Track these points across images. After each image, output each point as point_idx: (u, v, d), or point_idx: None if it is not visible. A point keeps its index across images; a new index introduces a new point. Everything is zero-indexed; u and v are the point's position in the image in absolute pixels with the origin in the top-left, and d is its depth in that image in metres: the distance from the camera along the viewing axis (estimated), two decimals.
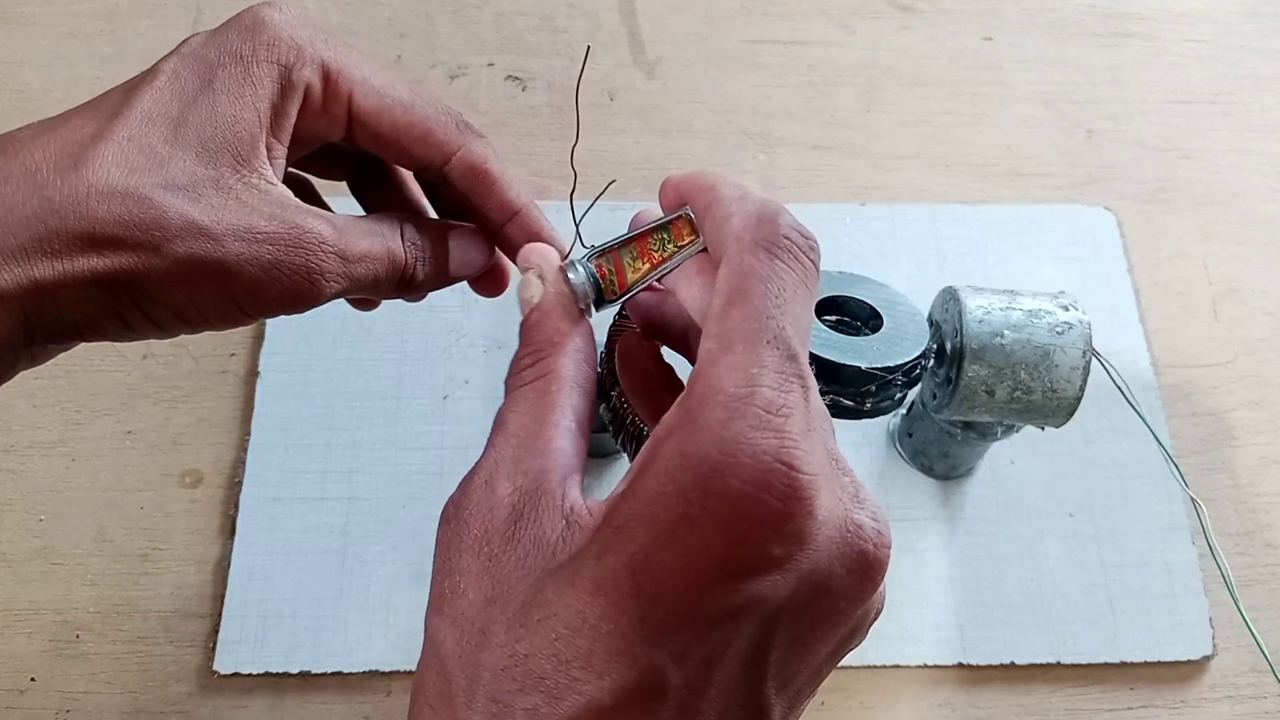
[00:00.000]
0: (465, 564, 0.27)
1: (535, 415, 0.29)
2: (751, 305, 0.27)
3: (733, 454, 0.24)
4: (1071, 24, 0.67)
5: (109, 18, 0.63)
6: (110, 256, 0.29)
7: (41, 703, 0.46)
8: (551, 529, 0.27)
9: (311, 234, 0.31)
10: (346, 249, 0.32)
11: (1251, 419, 0.55)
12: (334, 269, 0.32)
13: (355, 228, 0.33)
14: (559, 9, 0.65)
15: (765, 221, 0.29)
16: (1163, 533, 0.51)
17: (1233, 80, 0.65)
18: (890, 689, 0.48)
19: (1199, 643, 0.49)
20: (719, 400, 0.25)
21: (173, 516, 0.50)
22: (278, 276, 0.31)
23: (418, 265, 0.35)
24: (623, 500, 0.26)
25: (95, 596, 0.48)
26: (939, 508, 0.51)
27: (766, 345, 0.26)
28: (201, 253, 0.30)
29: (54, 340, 0.31)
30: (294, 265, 0.31)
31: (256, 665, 0.46)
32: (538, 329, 0.32)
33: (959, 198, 0.60)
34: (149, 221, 0.29)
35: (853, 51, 0.65)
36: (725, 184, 0.31)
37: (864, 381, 0.43)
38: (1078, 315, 0.44)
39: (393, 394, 0.53)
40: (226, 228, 0.30)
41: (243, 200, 0.31)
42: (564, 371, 0.30)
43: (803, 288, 0.28)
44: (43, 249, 0.28)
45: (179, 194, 0.30)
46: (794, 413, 0.25)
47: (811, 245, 0.29)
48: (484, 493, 0.28)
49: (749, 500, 0.24)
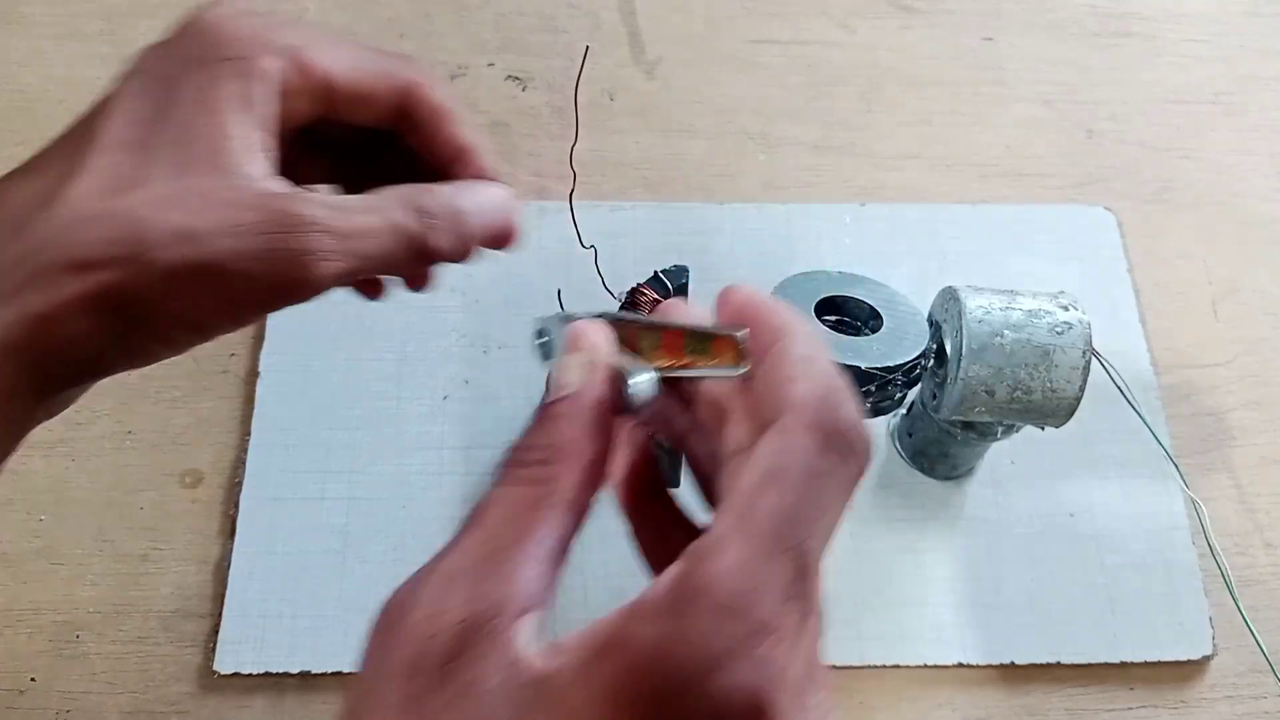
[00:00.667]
0: (390, 693, 0.24)
1: (518, 525, 0.26)
2: (786, 501, 0.24)
3: (710, 674, 0.22)
4: (1071, 24, 0.67)
5: (109, 18, 0.63)
6: (100, 275, 0.28)
7: (41, 703, 0.46)
8: (491, 676, 0.24)
9: (296, 215, 0.30)
10: (340, 226, 0.31)
11: (1251, 419, 0.55)
12: (328, 248, 0.30)
13: (352, 204, 0.32)
14: (559, 9, 0.65)
15: (831, 406, 0.26)
16: (1163, 533, 0.51)
17: (1233, 80, 0.65)
18: (890, 689, 0.48)
19: (1199, 643, 0.49)
20: (710, 605, 0.23)
21: (173, 516, 0.50)
22: (270, 266, 0.30)
23: (431, 234, 0.33)
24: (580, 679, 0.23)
25: (95, 596, 0.48)
26: (939, 508, 0.51)
27: (783, 555, 0.24)
28: (189, 256, 0.29)
29: (65, 384, 0.30)
30: (285, 250, 0.30)
31: (256, 665, 0.46)
32: (561, 424, 0.28)
33: (959, 198, 0.60)
34: (130, 236, 0.29)
35: (853, 51, 0.65)
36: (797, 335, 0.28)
37: (864, 381, 0.43)
38: (1078, 315, 0.44)
39: (393, 394, 0.53)
40: (210, 227, 0.29)
41: (224, 199, 0.30)
42: (569, 487, 0.27)
43: (844, 495, 0.25)
44: (34, 285, 0.28)
45: (158, 206, 0.29)
46: (785, 637, 0.23)
47: (868, 446, 0.26)
48: (433, 606, 0.25)
49: None
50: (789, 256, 0.57)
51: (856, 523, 0.51)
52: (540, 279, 0.55)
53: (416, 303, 0.55)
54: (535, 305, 0.55)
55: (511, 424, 0.52)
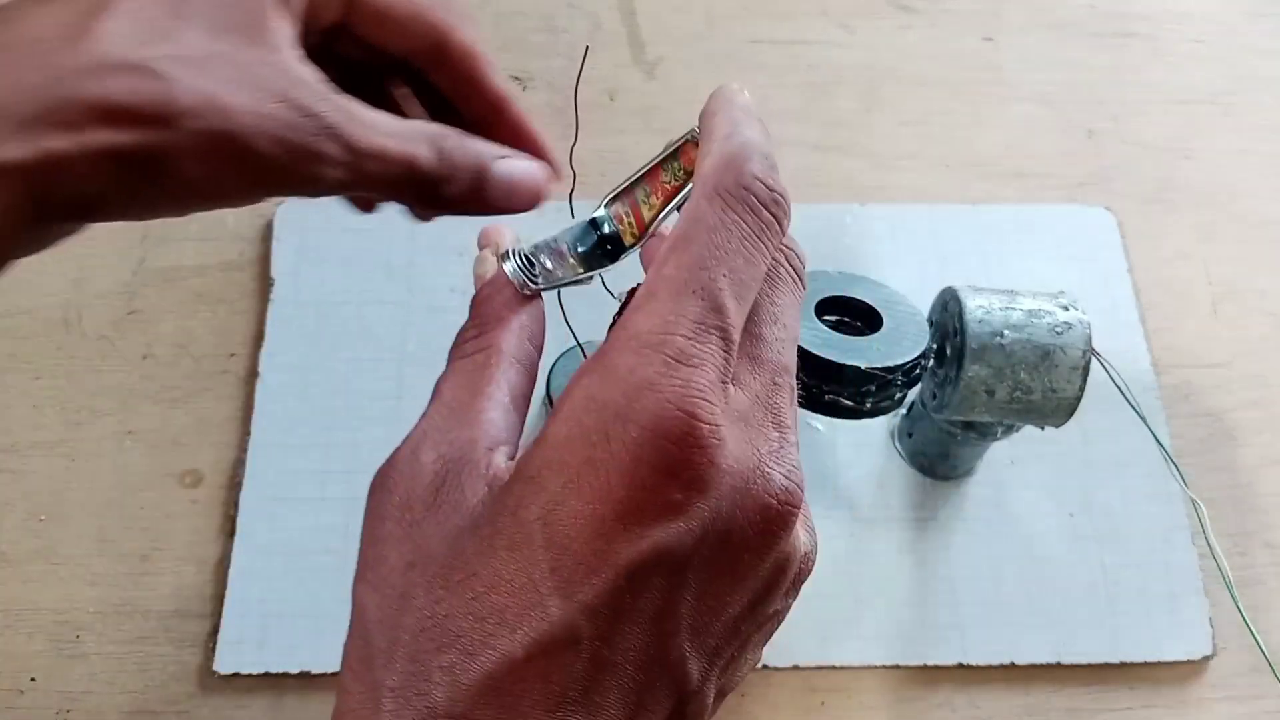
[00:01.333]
0: (387, 531, 0.27)
1: (470, 387, 0.30)
2: (689, 254, 0.27)
3: (636, 399, 0.25)
4: (1072, 24, 0.67)
5: None
6: (124, 130, 0.28)
7: (41, 703, 0.46)
8: (473, 494, 0.27)
9: (316, 115, 0.30)
10: (357, 140, 0.31)
11: (1251, 419, 0.55)
12: (337, 156, 0.31)
13: (377, 123, 0.32)
14: (559, 9, 0.65)
15: (730, 167, 0.28)
16: (1163, 533, 0.51)
17: (1233, 80, 0.65)
18: (890, 689, 0.48)
19: (1199, 643, 0.49)
20: (631, 345, 0.26)
21: (173, 516, 0.50)
22: (285, 154, 0.30)
23: (445, 184, 0.33)
24: (536, 448, 0.26)
25: (95, 596, 0.48)
26: (939, 508, 0.51)
27: (691, 295, 0.26)
28: (214, 126, 0.29)
29: (61, 218, 0.30)
30: (297, 145, 0.30)
31: (256, 665, 0.46)
32: (486, 304, 0.32)
33: (959, 198, 0.60)
34: (162, 94, 0.28)
35: (853, 51, 0.65)
36: (727, 111, 0.31)
37: (864, 381, 0.43)
38: (1078, 315, 0.44)
39: (393, 394, 0.53)
40: (237, 102, 0.29)
41: (254, 75, 0.30)
42: (505, 346, 0.31)
43: (753, 239, 0.28)
44: (54, 119, 0.28)
45: (190, 66, 0.29)
46: (705, 363, 0.25)
47: (775, 198, 0.29)
48: (409, 461, 0.28)
49: (648, 445, 0.24)
50: None
51: (856, 523, 0.51)
52: None
53: (416, 303, 0.55)
54: None
55: None
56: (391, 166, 0.32)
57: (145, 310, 0.55)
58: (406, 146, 0.32)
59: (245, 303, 0.55)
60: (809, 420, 0.52)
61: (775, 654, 0.48)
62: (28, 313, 0.54)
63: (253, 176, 0.30)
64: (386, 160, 0.32)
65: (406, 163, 0.32)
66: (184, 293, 0.55)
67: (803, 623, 0.48)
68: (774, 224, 0.29)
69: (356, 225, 0.57)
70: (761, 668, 0.47)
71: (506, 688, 0.24)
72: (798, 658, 0.48)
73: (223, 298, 0.55)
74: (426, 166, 0.33)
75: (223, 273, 0.56)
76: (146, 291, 0.55)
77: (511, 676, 0.24)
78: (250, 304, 0.55)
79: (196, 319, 0.55)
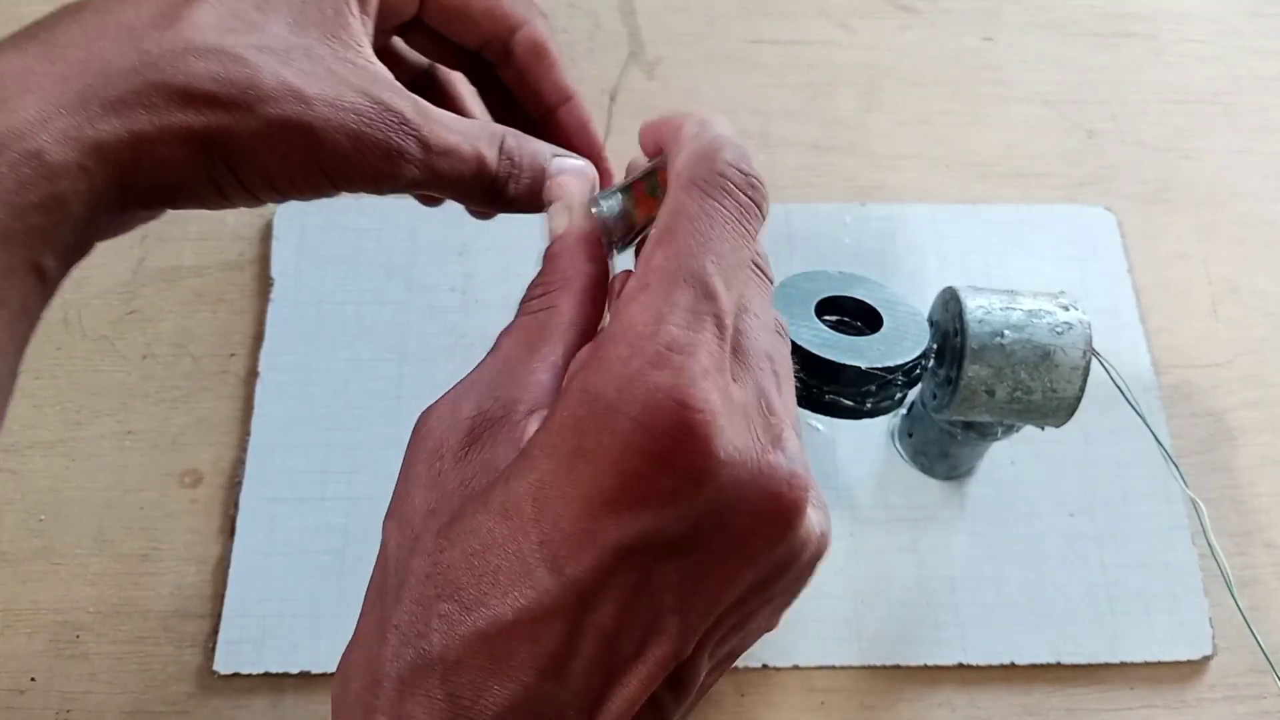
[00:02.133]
0: (418, 473, 0.28)
1: (528, 345, 0.30)
2: (675, 244, 0.27)
3: (627, 390, 0.25)
4: (1071, 24, 0.67)
5: None
6: (206, 114, 0.29)
7: (41, 703, 0.46)
8: (504, 456, 0.27)
9: (395, 112, 0.31)
10: (431, 138, 0.32)
11: (1251, 419, 0.55)
12: (413, 153, 0.32)
13: (448, 121, 0.33)
14: (559, 9, 0.65)
15: (704, 158, 0.29)
16: (1163, 533, 0.51)
17: (1233, 80, 0.65)
18: (890, 689, 0.48)
19: (1199, 643, 0.49)
20: (624, 338, 0.26)
21: (173, 516, 0.50)
22: (361, 148, 0.31)
23: (509, 182, 0.35)
24: (537, 431, 0.27)
25: (95, 596, 0.48)
26: (939, 508, 0.51)
27: (682, 284, 0.27)
28: (294, 115, 0.30)
29: (145, 204, 0.31)
30: (375, 140, 0.31)
31: (256, 665, 0.46)
32: (556, 261, 0.32)
33: (959, 198, 0.60)
34: (244, 80, 0.30)
35: (853, 51, 0.65)
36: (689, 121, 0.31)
37: (864, 381, 0.43)
38: (1078, 315, 0.44)
39: (393, 394, 0.53)
40: (317, 93, 0.30)
41: (333, 70, 0.31)
42: (569, 308, 0.31)
43: (735, 224, 0.28)
44: (141, 102, 0.29)
45: (272, 56, 0.30)
46: (698, 351, 0.26)
47: (751, 182, 0.29)
48: (450, 409, 0.29)
49: (638, 435, 0.25)
50: (789, 256, 0.57)
51: (856, 523, 0.51)
52: None
53: (416, 303, 0.55)
54: None
55: None
56: (462, 165, 0.33)
57: (145, 310, 0.55)
58: (476, 145, 0.33)
59: (245, 303, 0.55)
60: (809, 420, 0.53)
61: (775, 654, 0.48)
62: None
63: (328, 168, 0.31)
64: (458, 158, 0.33)
65: (476, 161, 0.33)
66: (184, 293, 0.55)
67: (803, 623, 0.48)
68: (753, 207, 0.29)
69: (356, 225, 0.57)
70: (761, 667, 0.48)
71: (497, 645, 0.25)
72: (798, 658, 0.48)
73: (223, 298, 0.55)
74: (493, 167, 0.34)
75: (223, 273, 0.56)
76: (146, 291, 0.55)
77: (502, 636, 0.25)
78: (250, 304, 0.55)
79: (196, 319, 0.55)
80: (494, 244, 0.56)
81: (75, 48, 0.29)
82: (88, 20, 0.29)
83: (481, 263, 0.56)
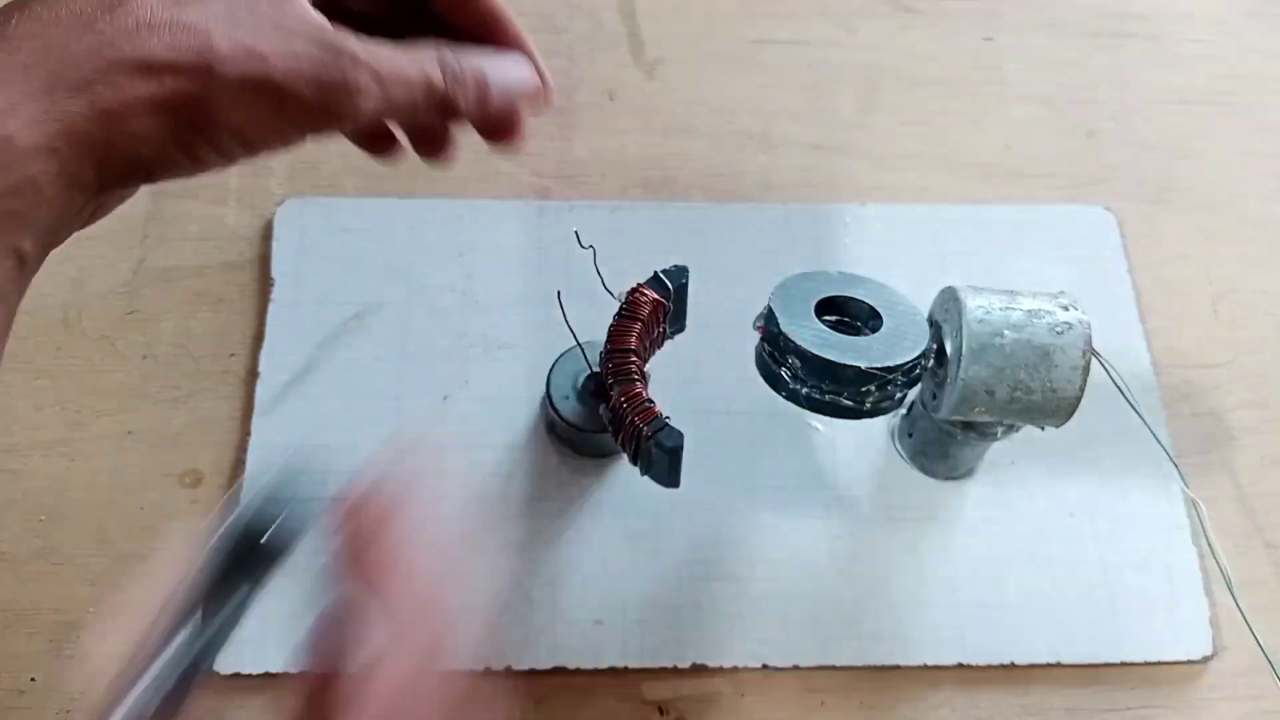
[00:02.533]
0: None
1: None
2: None
3: None
4: (1071, 24, 0.67)
5: None
6: (169, 82, 0.31)
7: (41, 703, 0.46)
8: None
9: (348, 51, 0.33)
10: (381, 69, 0.33)
11: (1251, 419, 0.55)
12: (369, 86, 0.33)
13: (390, 52, 0.34)
14: (559, 9, 0.65)
15: None
16: (1163, 533, 0.51)
17: (1233, 80, 0.65)
18: (890, 689, 0.48)
19: (1199, 643, 0.49)
20: None
21: (173, 516, 0.50)
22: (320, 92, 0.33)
23: (458, 95, 0.35)
24: None
25: (95, 596, 0.48)
26: (939, 508, 0.51)
27: None
28: (253, 72, 0.31)
29: (122, 182, 0.32)
30: (334, 81, 0.33)
31: (256, 665, 0.46)
32: None
33: (959, 198, 0.60)
34: (200, 45, 0.31)
35: (853, 51, 0.65)
36: None
37: (864, 381, 0.43)
38: (1077, 315, 0.44)
39: (393, 394, 0.53)
40: (270, 48, 0.32)
41: (279, 24, 0.32)
42: None
43: None
44: (103, 80, 0.30)
45: (222, 21, 0.32)
46: None
47: None
48: None
49: None
50: (789, 256, 0.57)
51: (856, 523, 0.51)
52: (540, 279, 0.55)
53: (416, 303, 0.55)
54: (535, 305, 0.55)
55: (511, 424, 0.52)
56: (413, 88, 0.34)
57: (145, 310, 0.55)
58: (420, 66, 0.34)
59: (245, 303, 0.55)
60: (809, 420, 0.53)
61: (775, 654, 0.48)
62: (28, 313, 0.54)
63: (293, 117, 0.33)
64: (410, 83, 0.34)
65: (425, 81, 0.34)
66: (184, 293, 0.55)
67: (803, 623, 0.48)
68: None
69: (356, 225, 0.57)
70: (761, 667, 0.48)
71: None
72: (798, 658, 0.48)
73: (223, 298, 0.55)
74: (440, 83, 0.35)
75: (223, 273, 0.56)
76: (146, 291, 0.55)
77: None
78: (250, 304, 0.55)
79: (196, 319, 0.55)
80: (494, 244, 0.56)
81: (32, 38, 0.30)
82: (39, 12, 0.31)
83: (481, 263, 0.56)
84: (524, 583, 0.48)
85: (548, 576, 0.49)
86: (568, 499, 0.50)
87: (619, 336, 0.44)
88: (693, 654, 0.47)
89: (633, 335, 0.44)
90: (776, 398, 0.45)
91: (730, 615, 0.48)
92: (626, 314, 0.45)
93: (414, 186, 0.58)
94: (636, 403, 0.42)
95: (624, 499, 0.50)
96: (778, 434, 0.52)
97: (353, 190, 0.58)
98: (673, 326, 0.48)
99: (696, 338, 0.53)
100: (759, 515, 0.50)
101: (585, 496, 0.50)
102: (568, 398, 0.49)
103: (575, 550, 0.49)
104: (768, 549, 0.50)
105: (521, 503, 0.50)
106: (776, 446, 0.52)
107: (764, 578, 0.49)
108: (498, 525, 0.50)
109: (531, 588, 0.48)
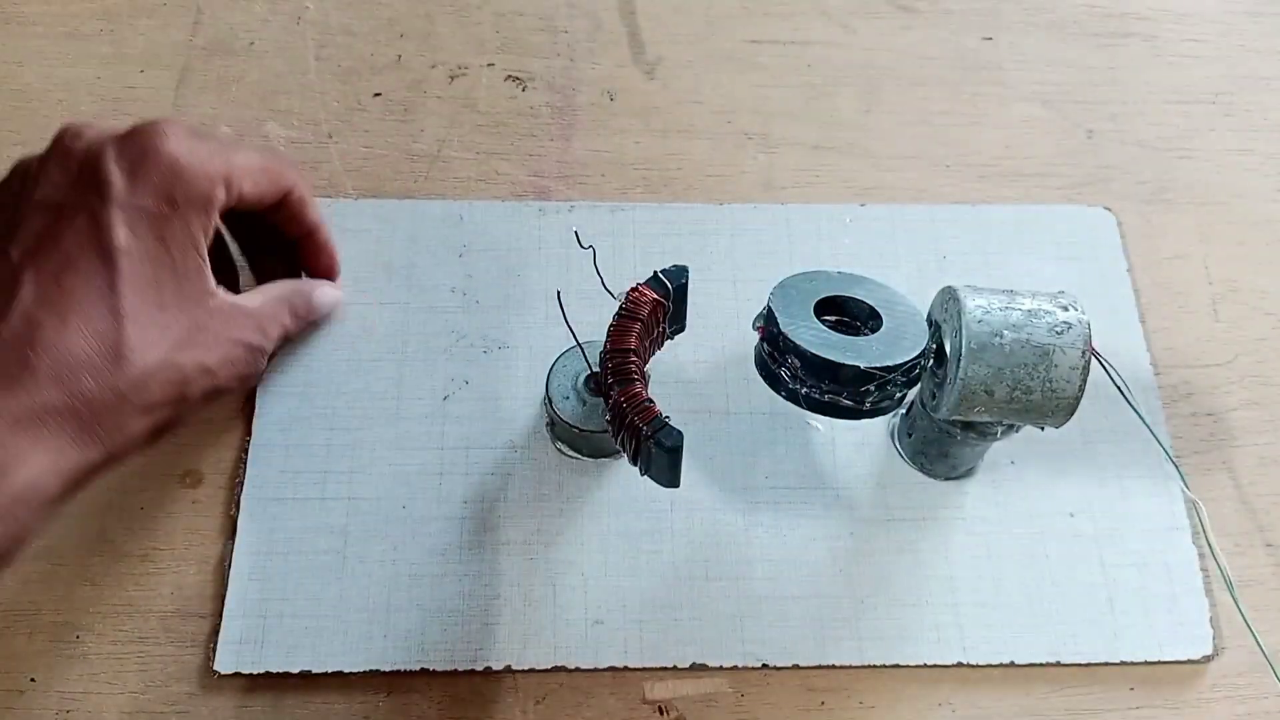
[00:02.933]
0: None
1: None
2: None
3: None
4: (1071, 24, 0.67)
5: (109, 18, 0.63)
6: (160, 413, 0.42)
7: (41, 703, 0.46)
8: None
9: (259, 348, 0.47)
10: (270, 344, 0.49)
11: (1251, 419, 0.55)
12: (264, 362, 0.49)
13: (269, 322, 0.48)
14: (559, 9, 0.65)
15: None
16: (1163, 533, 0.51)
17: (1233, 80, 0.66)
18: (890, 689, 0.48)
19: (1199, 643, 0.49)
20: None
21: (173, 516, 0.50)
22: (244, 381, 0.47)
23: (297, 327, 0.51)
24: None
25: (95, 596, 0.48)
26: (939, 508, 0.51)
27: None
28: (209, 386, 0.44)
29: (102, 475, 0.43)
30: (250, 374, 0.48)
31: (256, 665, 0.46)
32: None
33: (959, 198, 0.60)
34: (179, 379, 0.42)
35: (853, 51, 0.65)
36: None
37: (864, 381, 0.43)
38: (1077, 315, 0.44)
39: (393, 394, 0.53)
40: (215, 360, 0.44)
41: (219, 334, 0.44)
42: None
43: None
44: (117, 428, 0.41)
45: (187, 350, 0.42)
46: None
47: None
48: None
49: None
50: (789, 256, 0.57)
51: (856, 523, 0.51)
52: (540, 279, 0.55)
53: (416, 303, 0.55)
54: (535, 305, 0.55)
55: (511, 424, 0.52)
56: (280, 338, 0.50)
57: None
58: (282, 321, 0.49)
59: None
60: (809, 420, 0.53)
61: (775, 654, 0.48)
62: None
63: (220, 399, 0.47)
64: (279, 335, 0.49)
65: (284, 333, 0.50)
66: None
67: (803, 623, 0.48)
68: None
69: (356, 225, 0.57)
70: (761, 667, 0.48)
71: None
72: (798, 658, 0.48)
73: None
74: (290, 327, 0.50)
75: None
76: None
77: None
78: None
79: None
80: (494, 244, 0.56)
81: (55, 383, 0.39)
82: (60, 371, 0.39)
83: (481, 263, 0.56)
84: (524, 583, 0.48)
85: (548, 576, 0.49)
86: (568, 499, 0.50)
87: (619, 336, 0.44)
88: (693, 654, 0.47)
89: (632, 335, 0.44)
90: (776, 398, 0.45)
91: (730, 615, 0.48)
92: (626, 314, 0.45)
93: (414, 187, 0.58)
94: (636, 403, 0.42)
95: (624, 499, 0.50)
96: (777, 434, 0.52)
97: (352, 191, 0.58)
98: (673, 326, 0.48)
99: (696, 338, 0.53)
100: (758, 515, 0.51)
101: (585, 496, 0.50)
102: (568, 398, 0.49)
103: (575, 550, 0.49)
104: (768, 549, 0.50)
105: (521, 503, 0.50)
106: (776, 446, 0.52)
107: (764, 578, 0.49)
108: (497, 525, 0.50)
109: (531, 588, 0.48)
